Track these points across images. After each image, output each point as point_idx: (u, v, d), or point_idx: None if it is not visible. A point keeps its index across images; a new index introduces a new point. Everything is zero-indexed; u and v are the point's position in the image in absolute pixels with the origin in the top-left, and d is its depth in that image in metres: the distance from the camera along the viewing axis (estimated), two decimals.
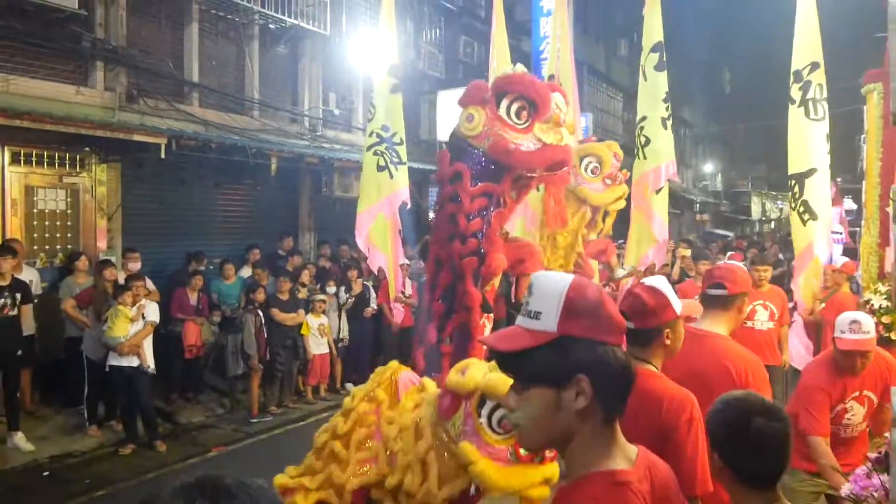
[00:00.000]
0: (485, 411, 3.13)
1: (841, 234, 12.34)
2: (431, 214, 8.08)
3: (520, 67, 3.66)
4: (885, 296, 5.95)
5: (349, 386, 9.01)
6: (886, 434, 2.21)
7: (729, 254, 8.80)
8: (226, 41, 9.85)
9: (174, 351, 7.95)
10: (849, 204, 31.77)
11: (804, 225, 5.85)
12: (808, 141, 5.88)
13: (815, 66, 5.98)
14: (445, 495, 3.38)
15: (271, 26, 10.16)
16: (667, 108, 6.95)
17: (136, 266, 7.70)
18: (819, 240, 6.15)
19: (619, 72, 23.19)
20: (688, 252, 9.39)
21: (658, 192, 7.29)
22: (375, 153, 6.97)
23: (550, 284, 1.42)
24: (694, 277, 7.87)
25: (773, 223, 40.70)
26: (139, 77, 8.48)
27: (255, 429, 7.74)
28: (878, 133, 6.50)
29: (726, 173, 36.44)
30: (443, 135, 13.36)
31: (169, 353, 7.93)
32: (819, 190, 6.05)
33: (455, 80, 13.68)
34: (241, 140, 8.95)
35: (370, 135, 6.93)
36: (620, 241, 14.89)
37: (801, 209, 5.92)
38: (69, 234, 8.08)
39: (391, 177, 7.06)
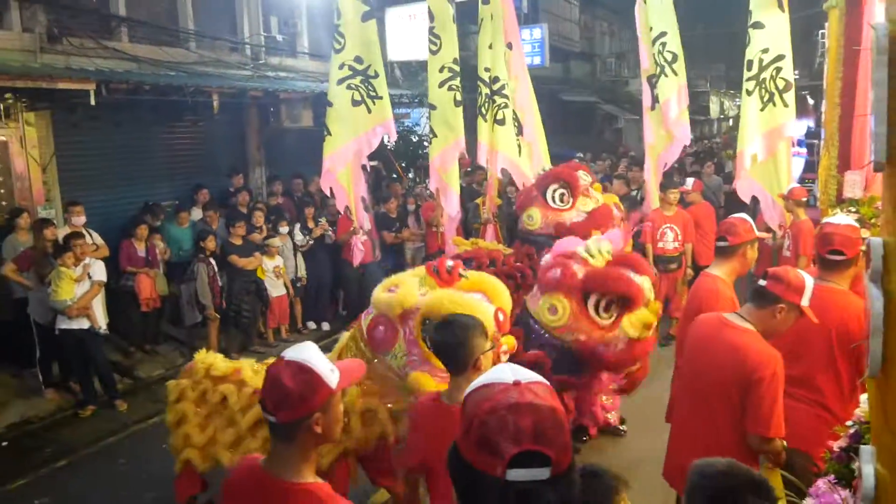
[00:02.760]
0: (429, 334, 2.95)
1: (803, 148, 12.32)
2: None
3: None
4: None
5: (310, 325, 8.97)
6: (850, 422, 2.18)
7: (689, 180, 8.75)
8: None
9: (129, 304, 7.73)
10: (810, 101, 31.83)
11: (775, 106, 6.18)
12: (772, 30, 6.13)
13: None
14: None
15: None
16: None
17: (80, 220, 7.32)
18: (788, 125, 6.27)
19: None
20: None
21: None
22: (349, 87, 6.62)
23: None
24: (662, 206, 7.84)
25: (731, 121, 40.79)
26: (60, 14, 7.81)
27: None
28: (840, 51, 6.32)
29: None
30: (392, 56, 12.80)
31: (124, 306, 7.73)
32: (786, 75, 6.11)
33: None
34: (177, 78, 8.40)
35: (340, 67, 6.56)
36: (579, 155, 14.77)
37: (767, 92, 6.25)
38: (2, 190, 7.63)
39: (369, 111, 6.75)
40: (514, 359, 3.65)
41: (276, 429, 1.84)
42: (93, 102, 7.08)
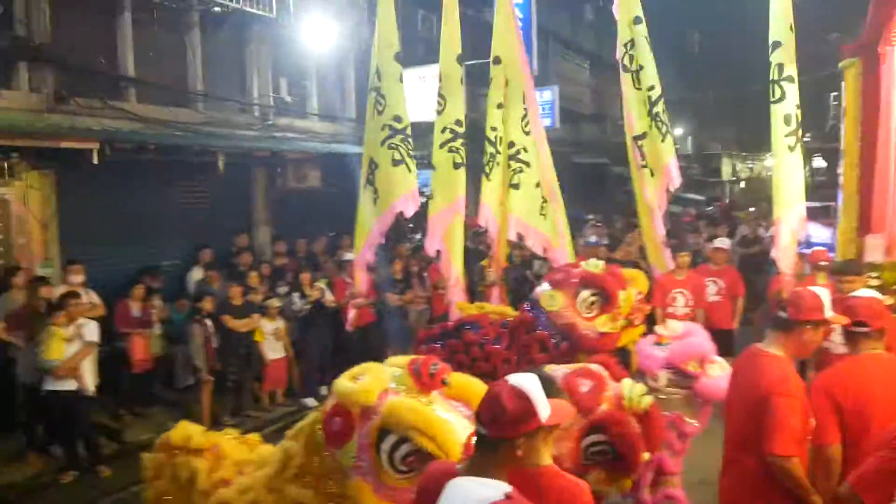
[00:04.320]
0: (386, 446, 2.63)
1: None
2: None
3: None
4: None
5: (308, 401, 8.53)
6: None
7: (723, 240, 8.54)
8: (163, 30, 9.18)
9: (121, 365, 7.53)
10: (818, 162, 31.86)
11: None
12: (773, 125, 5.99)
13: (776, 45, 5.89)
14: None
15: (213, 10, 9.54)
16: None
17: (78, 279, 7.21)
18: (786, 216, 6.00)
19: (584, 38, 22.68)
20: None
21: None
22: (390, 147, 6.58)
23: None
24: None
25: (742, 183, 40.75)
26: (68, 75, 7.87)
27: None
28: (857, 111, 6.16)
29: (697, 136, 36.28)
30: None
31: (115, 367, 7.52)
32: (783, 174, 5.90)
33: (415, 58, 13.14)
34: (182, 138, 8.41)
35: (382, 128, 6.55)
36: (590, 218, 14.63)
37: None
38: (1, 248, 7.55)
39: (409, 170, 6.69)
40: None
41: (483, 441, 2.03)
42: (95, 161, 7.06)
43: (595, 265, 5.10)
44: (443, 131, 6.62)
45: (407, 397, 2.67)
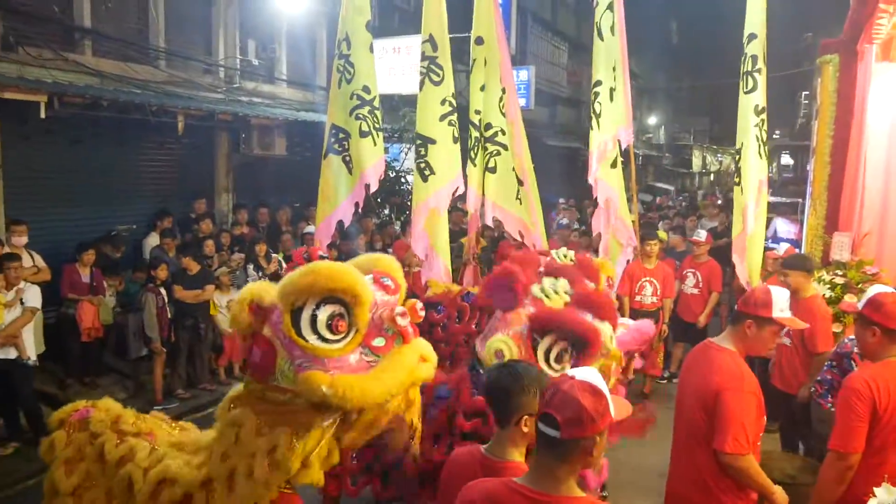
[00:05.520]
0: (304, 325, 2.44)
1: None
2: None
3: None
4: (828, 285, 5.62)
5: None
6: None
7: (702, 232, 8.34)
8: None
9: (70, 333, 7.16)
10: (786, 159, 32.22)
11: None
12: (741, 115, 5.93)
13: (752, 36, 5.87)
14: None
15: None
16: (615, 78, 6.53)
17: (21, 240, 6.80)
18: (749, 216, 5.89)
19: (565, 20, 22.44)
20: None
21: (613, 165, 6.88)
22: (357, 117, 6.32)
23: None
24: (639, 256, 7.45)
25: (712, 175, 41.21)
26: (17, 22, 7.37)
27: None
28: (832, 108, 6.08)
29: (669, 127, 36.45)
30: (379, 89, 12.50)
31: (64, 335, 7.16)
32: (749, 163, 5.87)
33: (390, 28, 12.79)
34: (141, 95, 7.98)
35: (351, 97, 6.30)
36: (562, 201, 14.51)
37: (737, 181, 6.08)
38: None
39: (374, 143, 6.44)
40: (458, 404, 3.40)
41: (554, 444, 1.88)
42: (43, 115, 6.62)
43: (565, 255, 4.91)
44: (442, 103, 6.35)
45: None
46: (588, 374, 1.93)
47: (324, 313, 2.45)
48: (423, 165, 6.41)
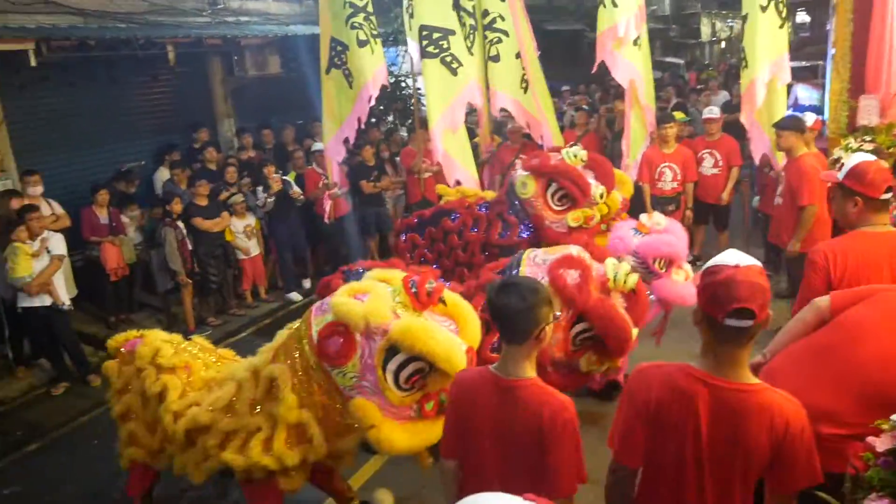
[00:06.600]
0: (392, 366, 2.59)
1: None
2: None
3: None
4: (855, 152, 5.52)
5: (293, 295, 8.45)
6: None
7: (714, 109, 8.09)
8: None
9: (98, 274, 7.37)
10: (801, 17, 30.75)
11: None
12: None
13: None
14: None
15: None
16: None
17: (37, 190, 6.91)
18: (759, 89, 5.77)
19: None
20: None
21: (636, 44, 6.71)
22: (353, 26, 6.19)
23: None
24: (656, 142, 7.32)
25: (723, 43, 39.63)
26: None
27: None
28: None
29: None
30: None
31: (93, 276, 7.39)
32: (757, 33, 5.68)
33: None
34: (127, 30, 7.83)
35: (344, 5, 6.18)
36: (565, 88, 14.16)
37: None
38: None
39: (372, 52, 6.32)
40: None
41: (744, 333, 1.89)
42: (33, 63, 6.57)
43: (575, 155, 4.87)
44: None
45: (410, 316, 2.63)
46: (740, 257, 1.96)
47: (412, 367, 2.61)
48: (448, 59, 6.22)
